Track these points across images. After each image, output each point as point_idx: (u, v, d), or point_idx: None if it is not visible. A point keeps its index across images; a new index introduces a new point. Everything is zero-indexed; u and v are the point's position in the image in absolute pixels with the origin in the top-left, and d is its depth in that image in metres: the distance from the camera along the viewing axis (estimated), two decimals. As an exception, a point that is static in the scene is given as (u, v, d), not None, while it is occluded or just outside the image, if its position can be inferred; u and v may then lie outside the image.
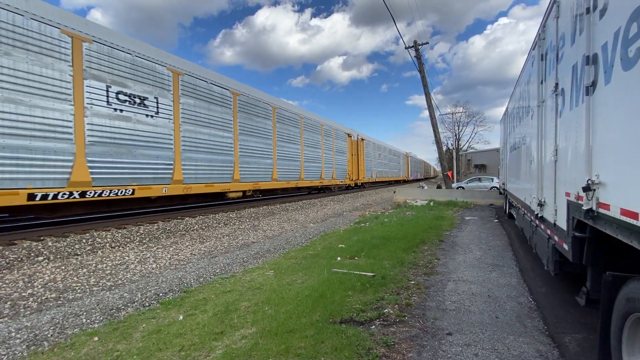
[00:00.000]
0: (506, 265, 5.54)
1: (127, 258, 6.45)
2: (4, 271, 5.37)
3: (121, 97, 8.16)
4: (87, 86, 7.39)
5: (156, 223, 9.04)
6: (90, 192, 7.40)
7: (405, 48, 20.98)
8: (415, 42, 20.74)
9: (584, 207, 2.66)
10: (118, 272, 5.74)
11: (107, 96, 7.84)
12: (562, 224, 3.46)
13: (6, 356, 2.97)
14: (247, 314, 3.66)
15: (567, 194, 3.28)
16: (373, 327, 3.26)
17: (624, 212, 2.05)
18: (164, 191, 9.11)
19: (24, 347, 3.13)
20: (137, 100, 8.53)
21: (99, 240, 7.19)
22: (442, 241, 7.43)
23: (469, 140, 57.74)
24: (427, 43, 24.54)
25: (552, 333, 3.18)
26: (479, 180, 25.44)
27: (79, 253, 6.52)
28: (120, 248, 7.12)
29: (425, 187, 24.18)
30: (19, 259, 5.80)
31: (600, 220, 2.47)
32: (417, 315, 3.53)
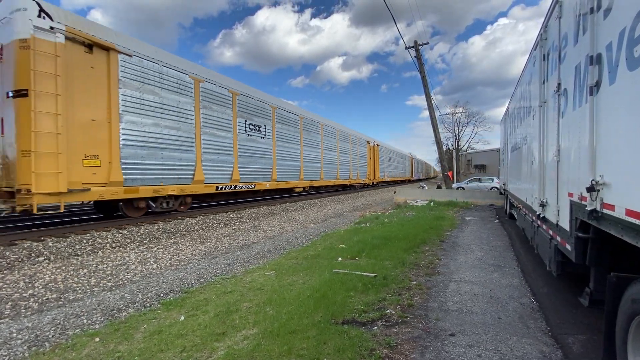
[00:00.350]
0: (508, 265, 5.53)
1: (127, 258, 6.43)
2: (4, 271, 5.35)
3: (250, 126, 13.01)
4: (238, 121, 12.26)
5: (156, 223, 9.02)
6: (238, 186, 12.21)
7: (406, 48, 20.99)
8: (415, 42, 20.74)
9: (588, 208, 2.65)
10: (119, 272, 5.72)
11: (245, 126, 12.68)
12: (565, 224, 3.44)
13: (7, 357, 2.96)
14: (248, 314, 3.64)
15: (570, 195, 3.26)
16: (375, 327, 3.24)
17: (630, 212, 2.03)
18: (267, 186, 13.98)
19: (25, 347, 3.12)
20: (257, 128, 13.49)
21: (100, 240, 7.17)
22: (443, 241, 7.42)
23: (469, 141, 57.82)
24: (428, 43, 24.63)
25: (555, 334, 3.17)
26: (479, 180, 25.44)
27: (79, 253, 6.51)
28: (121, 248, 7.11)
29: (426, 188, 24.17)
30: (20, 260, 5.79)
31: (605, 221, 2.46)
32: (419, 316, 3.51)
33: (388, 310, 3.61)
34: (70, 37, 7.05)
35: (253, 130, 13.09)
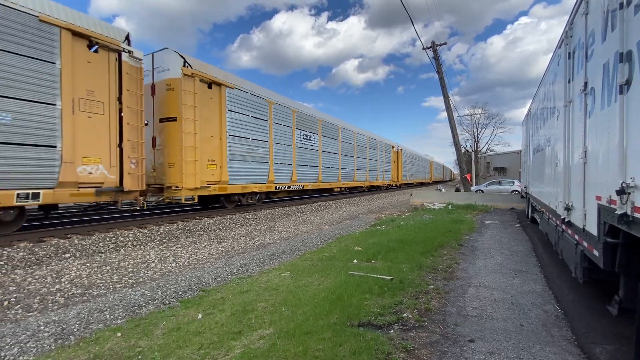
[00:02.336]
0: (530, 271, 5.35)
1: (148, 257, 6.61)
2: (33, 267, 5.60)
3: (303, 137, 15.66)
4: (296, 133, 14.97)
5: (175, 223, 9.24)
6: (293, 186, 14.81)
7: (423, 49, 20.72)
8: (433, 43, 20.45)
9: (618, 212, 2.53)
10: (139, 270, 5.89)
11: (301, 137, 15.38)
12: (592, 229, 3.30)
13: (35, 349, 3.09)
14: (264, 314, 3.67)
15: (598, 198, 3.13)
16: (392, 331, 3.20)
17: (664, 217, 1.93)
18: (312, 186, 16.66)
19: (51, 340, 3.25)
20: (308, 138, 16.08)
21: (122, 239, 7.41)
22: (461, 245, 7.25)
23: (488, 143, 56.33)
24: (445, 44, 24.19)
25: (581, 343, 3.03)
26: (499, 183, 24.75)
27: (103, 251, 6.74)
28: (142, 247, 7.31)
29: (443, 190, 23.73)
30: (48, 256, 6.05)
31: (636, 226, 2.34)
32: (437, 321, 3.44)
33: (405, 314, 3.55)
34: (200, 78, 9.88)
35: (305, 140, 15.92)
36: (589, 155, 3.53)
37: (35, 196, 6.44)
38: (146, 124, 9.31)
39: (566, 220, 4.42)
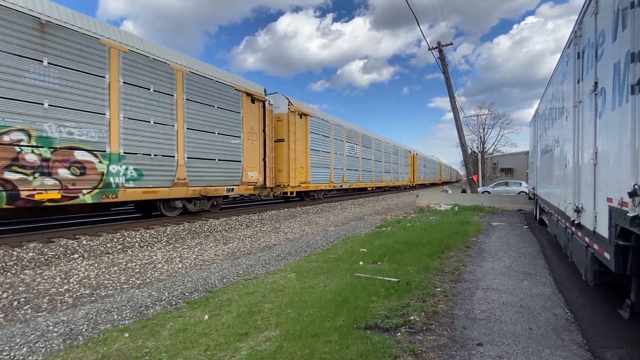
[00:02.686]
0: (539, 274, 5.28)
1: (154, 257, 6.66)
2: (42, 267, 5.68)
3: (349, 147, 20.93)
4: (346, 145, 20.44)
5: (182, 224, 9.30)
6: (344, 185, 20.09)
7: (429, 49, 20.63)
8: (438, 43, 20.35)
9: (630, 214, 2.48)
10: (146, 270, 5.93)
11: (349, 148, 20.74)
12: (603, 231, 3.25)
13: (44, 349, 3.12)
14: (270, 316, 3.67)
15: (609, 200, 3.08)
16: (399, 334, 3.18)
17: (679, 219, 1.89)
18: (353, 185, 21.50)
19: (60, 340, 3.28)
20: (351, 147, 21.24)
21: (129, 239, 7.47)
22: (468, 247, 7.19)
23: (495, 143, 55.81)
24: (451, 44, 24.04)
25: (592, 347, 2.98)
26: (506, 184, 24.49)
27: (110, 252, 6.80)
28: (149, 248, 7.37)
29: (450, 191, 23.56)
30: (57, 256, 6.12)
31: (649, 228, 2.30)
32: (444, 324, 3.41)
33: (412, 317, 3.53)
34: (297, 112, 15.20)
35: (350, 150, 21.20)
36: (600, 156, 3.48)
37: (231, 190, 11.40)
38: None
39: (576, 222, 4.36)
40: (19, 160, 6.29)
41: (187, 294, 4.61)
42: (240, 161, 11.67)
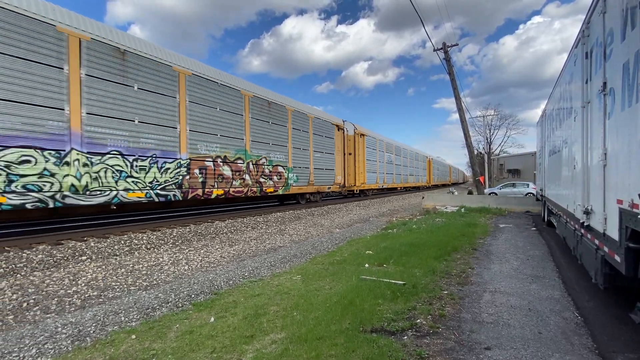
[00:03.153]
0: (547, 276, 5.20)
1: (161, 259, 6.71)
2: (51, 269, 5.75)
3: (389, 157, 28.24)
4: (387, 156, 27.61)
5: (188, 226, 9.36)
6: (385, 185, 26.89)
7: (434, 50, 20.56)
8: (444, 44, 20.27)
9: (641, 216, 2.44)
10: (153, 272, 5.97)
11: (388, 157, 27.87)
12: (613, 233, 3.19)
13: (53, 350, 3.15)
14: (276, 318, 3.66)
15: (619, 201, 3.02)
16: (405, 337, 3.15)
17: (692, 222, 1.85)
18: (389, 185, 27.88)
19: (68, 342, 3.31)
20: (388, 157, 28.12)
21: (136, 242, 7.54)
22: (475, 249, 7.12)
23: (502, 144, 55.28)
24: (457, 45, 23.97)
25: (603, 352, 2.92)
26: (513, 185, 24.25)
27: (118, 254, 6.87)
28: (155, 250, 7.43)
29: (456, 193, 23.38)
30: (65, 258, 6.20)
31: (661, 231, 2.25)
32: (451, 327, 3.37)
33: (418, 320, 3.50)
34: (359, 134, 21.50)
35: (388, 158, 27.47)
36: (609, 157, 3.43)
37: (329, 188, 17.52)
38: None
39: (585, 224, 4.29)
40: (264, 172, 12.92)
41: (193, 295, 4.63)
42: (333, 169, 18.21)
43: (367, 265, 5.82)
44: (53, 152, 6.75)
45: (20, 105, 6.36)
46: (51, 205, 6.70)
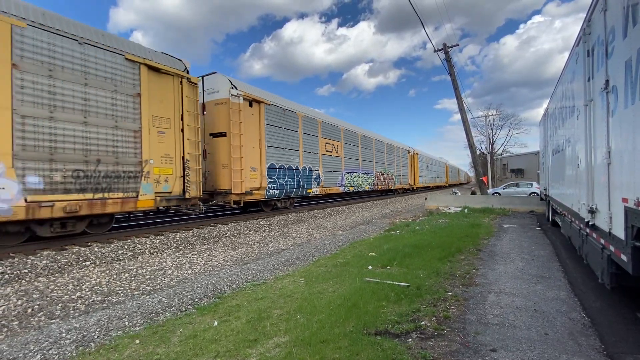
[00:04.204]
0: (553, 277, 5.15)
1: (164, 264, 6.72)
2: (56, 274, 5.77)
3: (426, 165, 40.46)
4: (426, 164, 37.91)
5: (191, 230, 9.37)
6: (416, 187, 34.17)
7: (435, 51, 20.54)
8: (444, 44, 20.26)
9: (647, 215, 2.41)
10: (157, 277, 5.98)
11: (425, 165, 38.38)
12: (619, 232, 3.16)
13: (57, 356, 3.16)
14: (279, 321, 3.65)
15: (625, 200, 2.99)
16: (410, 340, 3.12)
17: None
18: (419, 185, 36.22)
19: (73, 347, 3.31)
20: (427, 165, 41.97)
21: (139, 246, 7.56)
22: (479, 250, 7.07)
23: (504, 144, 55.08)
24: (457, 45, 23.82)
25: (611, 353, 2.89)
26: (517, 185, 24.10)
27: (121, 258, 6.89)
28: (159, 254, 7.44)
29: (459, 194, 23.28)
30: (69, 264, 6.22)
31: (668, 229, 2.22)
32: (456, 329, 3.34)
33: (423, 322, 3.47)
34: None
35: (424, 165, 34.51)
36: (613, 155, 3.40)
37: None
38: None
39: (590, 223, 4.25)
40: (382, 179, 24.49)
41: (196, 299, 4.62)
42: (407, 175, 26.80)
43: (370, 267, 5.79)
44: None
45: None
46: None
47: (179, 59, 9.66)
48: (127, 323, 3.89)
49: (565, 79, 6.65)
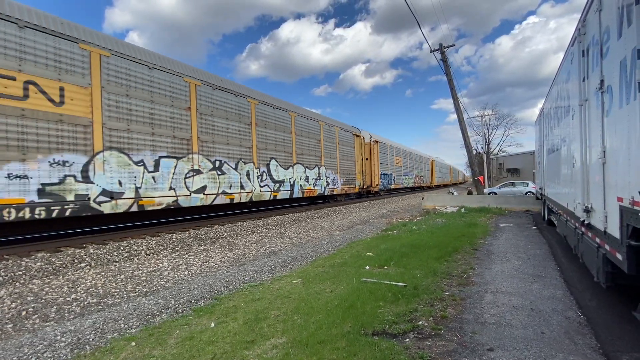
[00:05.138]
0: (549, 275, 5.18)
1: (161, 265, 6.67)
2: (50, 277, 5.71)
3: (439, 168, 51.13)
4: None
5: (187, 231, 9.33)
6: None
7: (431, 51, 20.62)
8: (440, 45, 20.34)
9: (642, 214, 2.42)
10: (153, 278, 5.94)
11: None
12: (614, 231, 3.18)
13: (52, 359, 3.12)
14: (276, 322, 3.64)
15: (620, 199, 3.01)
16: (407, 340, 3.12)
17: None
18: (430, 184, 46.13)
19: (68, 350, 3.28)
20: (442, 169, 56.84)
21: (135, 247, 7.51)
22: (476, 250, 7.09)
23: (500, 144, 55.43)
24: (453, 45, 23.92)
25: (607, 352, 2.90)
26: (513, 185, 24.24)
27: (117, 260, 6.83)
28: (155, 255, 7.39)
29: (455, 193, 23.38)
30: (64, 265, 6.16)
31: (663, 228, 2.23)
32: (453, 329, 3.35)
33: (420, 322, 3.47)
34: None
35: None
36: (608, 155, 3.42)
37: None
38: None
39: (586, 222, 4.28)
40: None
41: (193, 301, 4.60)
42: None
43: (367, 267, 5.79)
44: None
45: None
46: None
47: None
48: (123, 325, 3.86)
49: (560, 79, 6.69)
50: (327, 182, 17.85)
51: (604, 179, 3.54)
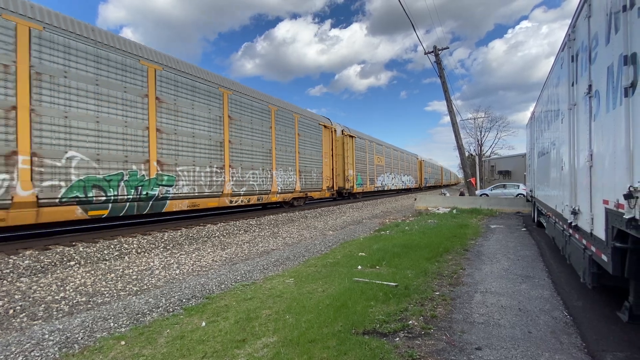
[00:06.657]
0: (537, 276, 5.27)
1: (152, 264, 6.62)
2: (38, 275, 5.63)
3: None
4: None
5: (179, 230, 9.26)
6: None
7: (425, 54, 20.77)
8: (435, 47, 20.50)
9: (626, 216, 2.49)
10: (143, 277, 5.89)
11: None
12: (600, 233, 3.25)
13: (40, 358, 3.08)
14: (268, 322, 3.64)
15: (605, 202, 3.08)
16: (397, 339, 3.16)
17: (674, 221, 1.89)
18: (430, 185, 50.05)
19: (56, 349, 3.24)
20: (442, 170, 63.48)
21: (126, 246, 7.43)
22: (467, 250, 7.18)
23: (492, 146, 56.08)
24: (447, 48, 24.19)
25: (591, 351, 2.97)
26: (504, 187, 24.55)
27: (107, 258, 6.76)
28: (146, 254, 7.33)
29: (448, 195, 23.59)
30: (53, 264, 6.08)
31: (645, 230, 2.30)
32: (443, 328, 3.39)
33: (410, 321, 3.51)
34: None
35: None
36: (595, 158, 3.50)
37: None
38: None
39: (573, 224, 4.36)
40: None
41: (184, 300, 4.57)
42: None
43: (359, 267, 5.82)
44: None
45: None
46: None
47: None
48: (112, 324, 3.82)
49: (551, 83, 6.81)
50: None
51: (591, 182, 3.62)
